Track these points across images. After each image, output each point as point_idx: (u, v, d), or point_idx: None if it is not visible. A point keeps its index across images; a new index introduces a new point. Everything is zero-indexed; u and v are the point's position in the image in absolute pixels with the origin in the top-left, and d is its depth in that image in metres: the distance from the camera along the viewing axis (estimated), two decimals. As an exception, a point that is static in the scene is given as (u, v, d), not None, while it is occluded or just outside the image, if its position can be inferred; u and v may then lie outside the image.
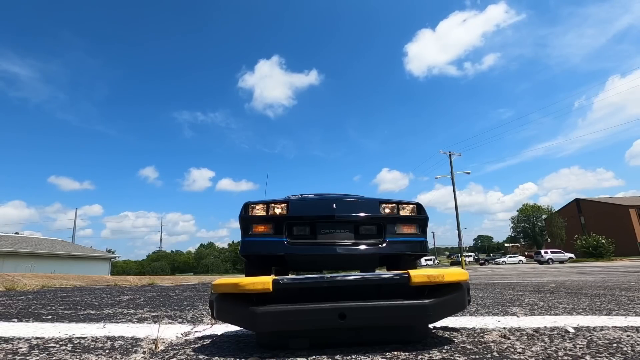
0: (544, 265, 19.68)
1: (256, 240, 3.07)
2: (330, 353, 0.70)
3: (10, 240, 23.02)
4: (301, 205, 3.16)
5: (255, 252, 3.07)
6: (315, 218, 3.09)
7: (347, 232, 3.07)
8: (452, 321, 1.07)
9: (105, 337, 0.89)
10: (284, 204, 3.11)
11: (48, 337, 0.91)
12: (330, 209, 3.09)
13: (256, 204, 3.14)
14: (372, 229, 3.13)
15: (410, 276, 0.72)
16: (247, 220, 3.12)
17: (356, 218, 3.09)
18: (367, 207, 3.15)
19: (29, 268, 18.70)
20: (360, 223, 3.11)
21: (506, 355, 0.69)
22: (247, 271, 3.67)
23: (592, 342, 0.79)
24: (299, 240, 3.04)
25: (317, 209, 3.15)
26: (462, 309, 0.78)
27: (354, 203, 3.20)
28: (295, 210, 3.10)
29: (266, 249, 3.02)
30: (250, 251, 3.06)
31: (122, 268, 60.99)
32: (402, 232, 3.16)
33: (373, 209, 3.14)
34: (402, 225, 3.19)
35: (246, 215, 3.13)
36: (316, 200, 3.31)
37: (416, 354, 0.69)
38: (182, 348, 0.79)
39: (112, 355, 0.73)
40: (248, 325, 0.72)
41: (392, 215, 3.17)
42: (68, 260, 23.98)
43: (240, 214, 3.19)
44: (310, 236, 3.06)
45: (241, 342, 0.83)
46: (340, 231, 3.07)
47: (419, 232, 3.22)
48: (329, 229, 3.07)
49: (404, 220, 3.21)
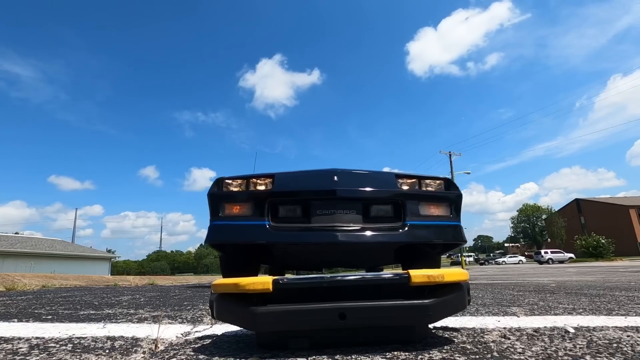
0: (544, 265, 19.66)
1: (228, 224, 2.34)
2: (330, 353, 0.70)
3: (10, 240, 23.02)
4: (291, 179, 2.45)
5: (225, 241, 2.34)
6: (310, 194, 2.36)
7: (353, 213, 2.34)
8: (452, 321, 1.07)
9: (105, 337, 0.89)
10: (268, 178, 2.42)
11: (48, 337, 0.91)
12: (330, 182, 2.36)
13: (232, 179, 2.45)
14: (387, 209, 2.40)
15: (410, 276, 0.72)
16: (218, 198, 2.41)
17: (365, 194, 2.36)
18: (380, 181, 2.44)
19: (29, 268, 18.70)
20: (371, 201, 2.38)
21: (506, 355, 0.69)
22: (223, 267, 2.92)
23: (592, 342, 0.79)
24: (287, 225, 2.33)
25: (312, 182, 2.41)
26: (462, 309, 0.78)
27: (362, 175, 2.45)
28: (283, 185, 2.39)
29: (241, 236, 2.31)
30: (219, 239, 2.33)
31: (122, 268, 60.96)
32: (428, 214, 2.41)
33: (388, 184, 2.42)
34: (428, 204, 2.43)
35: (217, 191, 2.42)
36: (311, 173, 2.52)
37: (416, 354, 0.69)
38: (182, 348, 0.79)
39: (112, 355, 0.73)
40: (248, 325, 0.72)
41: (415, 191, 2.43)
42: (68, 260, 23.98)
43: (209, 190, 2.47)
44: (302, 219, 2.35)
45: (241, 342, 0.83)
46: (343, 212, 2.34)
47: (452, 214, 2.46)
48: (328, 209, 2.34)
49: (431, 198, 2.44)
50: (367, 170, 2.52)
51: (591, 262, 22.54)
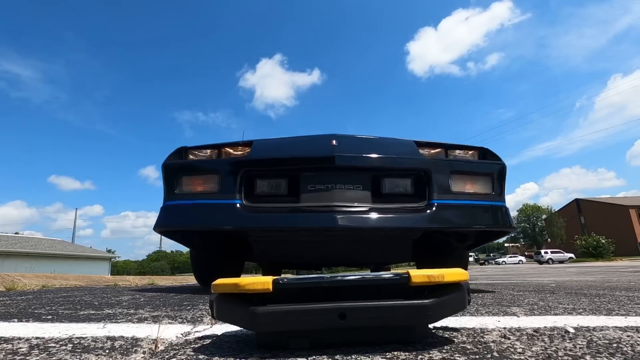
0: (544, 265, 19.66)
1: (185, 205, 1.79)
2: (330, 353, 0.70)
3: (10, 240, 23.02)
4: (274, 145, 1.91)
5: (180, 226, 1.81)
6: (299, 162, 1.82)
7: (359, 189, 1.80)
8: (452, 321, 1.08)
9: (105, 337, 0.89)
10: (245, 146, 1.87)
11: (48, 337, 0.91)
12: (326, 147, 1.82)
13: (198, 148, 1.91)
14: (405, 184, 1.86)
15: (410, 276, 0.72)
16: (175, 170, 1.86)
17: (376, 163, 1.81)
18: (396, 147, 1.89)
19: (29, 268, 18.70)
20: (383, 173, 1.84)
21: (506, 355, 0.69)
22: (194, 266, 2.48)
23: (592, 342, 0.79)
24: (267, 205, 1.79)
25: (302, 148, 1.88)
26: (462, 309, 0.78)
27: (371, 141, 1.90)
28: (262, 152, 1.85)
29: (201, 219, 1.75)
30: (172, 224, 1.81)
31: (122, 268, 60.96)
32: (462, 191, 1.83)
33: (407, 151, 1.87)
34: (462, 177, 1.84)
35: (175, 162, 1.88)
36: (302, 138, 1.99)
37: (416, 354, 0.69)
38: (182, 348, 0.79)
39: (112, 355, 0.73)
40: (248, 325, 0.72)
41: (444, 161, 1.86)
42: (68, 260, 23.98)
43: (165, 161, 1.89)
44: (287, 197, 1.82)
45: (241, 342, 0.83)
46: (345, 187, 1.80)
47: (493, 191, 1.87)
48: (323, 183, 1.80)
49: (466, 170, 1.86)
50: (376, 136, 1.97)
51: (591, 262, 22.53)
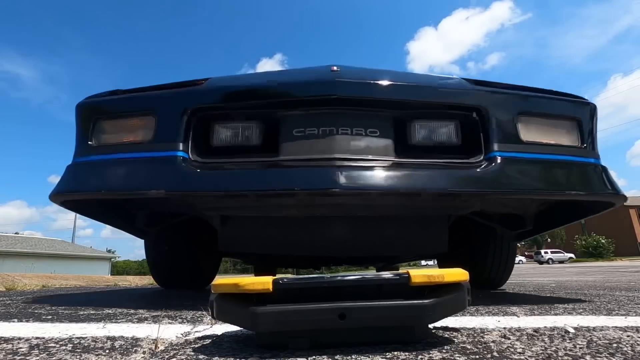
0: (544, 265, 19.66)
1: (103, 160, 1.26)
2: (330, 353, 0.70)
3: (10, 240, 23.03)
4: (242, 78, 1.36)
5: (91, 192, 1.26)
6: (281, 95, 1.27)
7: (374, 135, 1.23)
8: (452, 321, 1.08)
9: (105, 337, 0.89)
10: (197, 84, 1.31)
11: (48, 337, 0.91)
12: (324, 74, 1.28)
13: (133, 91, 1.36)
14: (449, 129, 1.30)
15: (410, 276, 0.72)
16: (91, 111, 1.35)
17: (402, 95, 1.26)
18: (433, 81, 1.32)
19: (29, 268, 18.69)
20: (413, 111, 1.29)
21: (506, 355, 0.69)
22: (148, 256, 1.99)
23: (592, 342, 0.79)
24: (228, 159, 1.26)
25: (285, 78, 1.34)
26: (462, 309, 0.78)
27: (391, 73, 1.32)
28: (222, 86, 1.29)
29: (124, 181, 1.22)
30: (79, 188, 1.27)
31: (122, 268, 60.92)
32: (538, 141, 1.28)
33: (450, 84, 1.32)
34: (537, 121, 1.30)
35: (93, 100, 1.36)
36: (285, 71, 1.55)
37: (416, 354, 0.69)
38: (182, 348, 0.79)
39: (112, 355, 0.73)
40: (248, 325, 0.72)
41: (508, 94, 1.31)
42: (68, 260, 23.99)
43: (80, 102, 1.37)
44: (260, 149, 1.26)
45: (241, 342, 0.83)
46: (352, 130, 1.22)
47: (584, 143, 1.33)
48: (318, 125, 1.23)
49: (542, 109, 1.31)
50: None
51: (591, 262, 22.54)
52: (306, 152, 1.21)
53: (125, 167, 1.24)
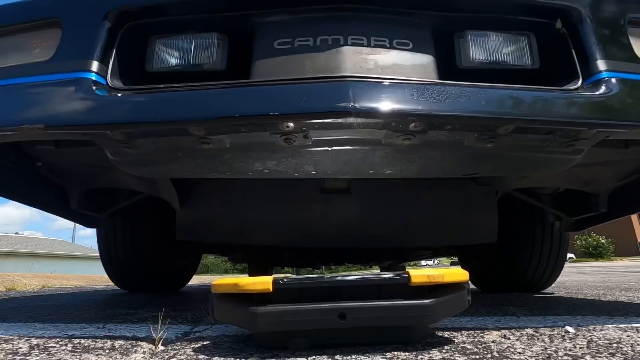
0: (544, 265, 19.60)
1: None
2: (330, 353, 0.70)
3: (10, 240, 23.05)
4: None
5: None
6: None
7: (405, 48, 0.78)
8: (452, 321, 1.08)
9: (105, 337, 0.89)
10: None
11: (48, 336, 0.91)
12: None
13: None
14: (517, 45, 0.81)
15: (410, 276, 0.73)
16: None
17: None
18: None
19: (29, 268, 18.71)
20: (465, 14, 0.82)
21: (506, 355, 0.69)
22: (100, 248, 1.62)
23: (592, 342, 0.79)
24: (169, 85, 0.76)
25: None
26: (462, 309, 0.78)
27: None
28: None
29: (18, 114, 0.79)
30: None
31: (122, 268, 60.91)
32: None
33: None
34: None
35: None
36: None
37: (416, 354, 0.69)
38: (182, 348, 0.79)
39: (112, 355, 0.73)
40: (248, 325, 0.73)
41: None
42: (68, 260, 24.01)
43: None
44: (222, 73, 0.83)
45: (241, 342, 0.83)
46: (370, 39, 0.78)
47: None
48: (312, 33, 0.78)
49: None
50: None
51: (591, 262, 22.57)
52: (295, 72, 0.79)
53: (18, 95, 0.85)
